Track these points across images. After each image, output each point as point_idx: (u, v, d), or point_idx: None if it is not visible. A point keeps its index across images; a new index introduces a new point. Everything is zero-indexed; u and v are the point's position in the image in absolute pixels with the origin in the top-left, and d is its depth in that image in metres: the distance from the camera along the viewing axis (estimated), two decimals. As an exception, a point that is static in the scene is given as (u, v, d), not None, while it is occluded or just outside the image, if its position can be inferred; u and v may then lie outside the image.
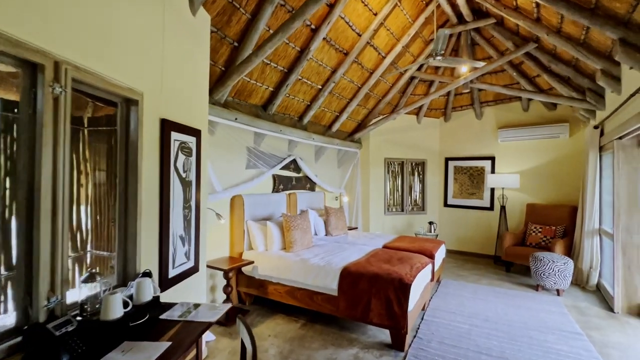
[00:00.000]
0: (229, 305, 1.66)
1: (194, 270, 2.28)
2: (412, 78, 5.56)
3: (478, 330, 2.89)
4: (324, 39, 3.63)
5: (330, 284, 2.84)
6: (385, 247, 3.95)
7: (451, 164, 6.22)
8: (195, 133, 2.24)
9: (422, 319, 3.13)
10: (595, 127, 3.95)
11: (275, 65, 3.49)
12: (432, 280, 3.43)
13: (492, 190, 5.72)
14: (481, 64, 3.45)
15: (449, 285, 4.15)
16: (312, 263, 3.06)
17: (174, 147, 2.01)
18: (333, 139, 5.14)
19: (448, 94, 5.89)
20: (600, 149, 3.97)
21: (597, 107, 3.90)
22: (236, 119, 3.20)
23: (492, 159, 5.74)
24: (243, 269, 3.42)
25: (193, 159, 2.22)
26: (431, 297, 3.68)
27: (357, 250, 3.58)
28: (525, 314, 3.24)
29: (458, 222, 6.10)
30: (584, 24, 2.71)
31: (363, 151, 6.05)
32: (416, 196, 6.42)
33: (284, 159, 4.36)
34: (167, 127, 1.93)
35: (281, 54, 3.43)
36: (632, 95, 2.69)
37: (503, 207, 5.36)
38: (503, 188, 5.37)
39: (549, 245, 4.57)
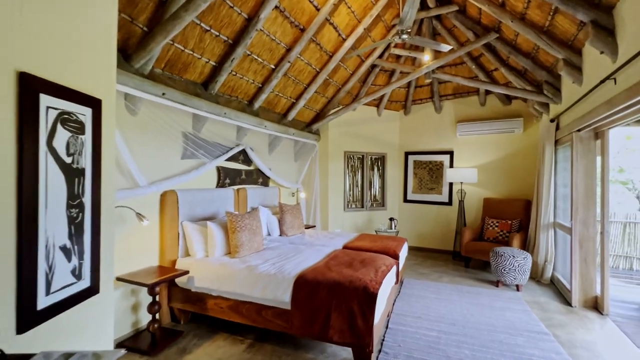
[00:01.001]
0: (121, 352, 1.10)
1: (90, 292, 1.65)
2: (373, 66, 5.26)
3: (447, 337, 2.62)
4: (276, 7, 3.11)
5: (282, 296, 2.36)
6: (346, 247, 3.56)
7: (411, 158, 6.07)
8: (91, 103, 1.60)
9: (387, 327, 2.80)
10: (552, 121, 3.96)
11: (217, 34, 2.90)
12: (396, 282, 3.12)
13: (451, 185, 5.66)
14: (447, 47, 3.20)
15: (412, 285, 3.90)
16: (261, 271, 2.55)
17: (46, 117, 1.37)
18: (289, 128, 4.64)
19: (408, 85, 5.70)
20: (556, 142, 3.98)
21: (554, 100, 3.90)
22: (164, 94, 2.56)
23: (451, 153, 5.68)
24: (177, 280, 2.80)
25: (86, 138, 1.59)
26: (395, 300, 3.38)
27: (314, 252, 3.14)
28: (491, 315, 3.07)
29: (417, 218, 5.98)
30: (555, 4, 2.55)
31: (322, 143, 5.63)
32: (376, 192, 6.18)
33: (231, 148, 3.77)
34: (30, 84, 1.29)
35: (224, 19, 2.85)
36: (596, 86, 2.58)
37: (461, 202, 5.30)
38: (461, 182, 5.31)
39: (507, 239, 4.57)
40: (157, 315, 2.53)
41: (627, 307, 3.34)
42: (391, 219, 5.50)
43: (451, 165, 5.65)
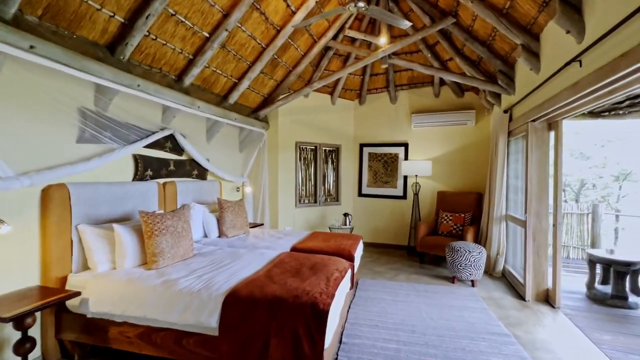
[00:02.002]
0: None
1: None
2: (326, 49, 4.83)
3: (407, 349, 2.30)
4: (206, -45, 2.50)
5: (207, 320, 1.82)
6: (295, 249, 3.10)
7: (366, 150, 5.80)
8: None
9: (341, 342, 2.40)
10: (505, 112, 3.89)
11: (123, -22, 2.21)
12: (351, 287, 2.74)
13: (406, 178, 5.50)
14: (407, 23, 2.86)
15: (367, 287, 3.59)
16: (182, 287, 1.97)
17: None
18: (230, 112, 4.02)
19: (363, 73, 5.38)
20: (508, 134, 3.93)
21: (508, 90, 3.82)
22: (32, 47, 1.82)
23: (406, 145, 5.51)
24: (69, 303, 2.10)
25: None
26: (350, 306, 3.02)
27: (256, 257, 2.63)
28: (450, 316, 2.84)
29: (372, 213, 5.75)
30: (521, -22, 2.32)
31: (271, 132, 5.08)
32: (330, 186, 5.81)
33: (154, 132, 3.07)
34: None
35: (132, -41, 2.17)
36: (559, 69, 2.43)
37: (416, 196, 5.16)
38: (416, 176, 5.16)
39: (460, 233, 4.49)
40: (29, 357, 1.83)
41: (571, 297, 3.36)
42: (346, 215, 5.17)
43: (406, 158, 5.49)
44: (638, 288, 3.20)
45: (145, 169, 3.02)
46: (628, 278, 3.17)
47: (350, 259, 2.86)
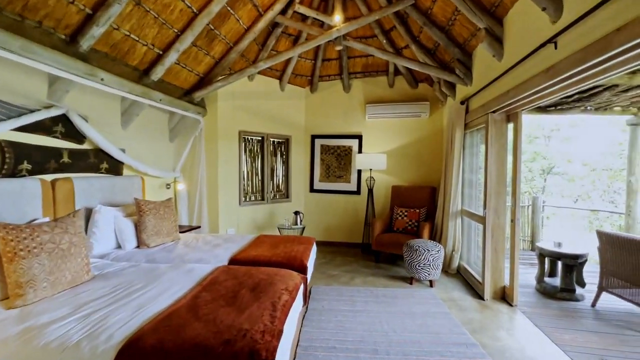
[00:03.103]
0: None
1: None
2: (274, 26, 4.24)
3: (372, 378, 1.92)
4: None
5: (89, 389, 1.21)
6: (234, 260, 2.53)
7: (318, 142, 5.36)
8: None
9: (292, 376, 1.94)
10: (462, 103, 3.73)
11: None
12: (305, 304, 2.29)
13: (360, 172, 5.20)
14: (368, -8, 2.45)
15: (322, 295, 3.17)
16: (49, 339, 1.30)
17: None
18: (153, 92, 3.25)
19: (315, 57, 4.91)
20: (464, 127, 3.80)
21: (465, 80, 3.67)
22: None
23: (360, 137, 5.20)
24: None
25: None
26: (302, 323, 2.56)
27: (181, 277, 2.02)
28: (413, 326, 2.56)
29: (325, 210, 5.36)
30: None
31: (209, 120, 4.36)
32: (280, 181, 5.28)
33: (32, 111, 2.23)
34: None
35: None
36: (531, 52, 2.22)
37: (370, 191, 4.89)
38: (370, 169, 4.88)
39: (416, 229, 4.31)
40: None
41: (523, 291, 3.33)
42: (296, 213, 4.69)
43: (360, 151, 5.18)
44: (583, 280, 3.28)
45: (17, 160, 2.17)
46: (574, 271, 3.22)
47: (303, 269, 2.39)
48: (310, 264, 2.73)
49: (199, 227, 4.10)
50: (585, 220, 8.41)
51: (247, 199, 4.80)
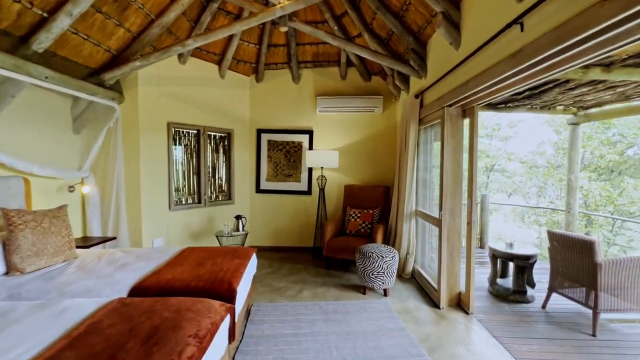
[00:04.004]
0: None
1: None
2: (209, 0, 3.62)
3: None
4: None
5: None
6: (138, 289, 1.93)
7: (265, 137, 4.84)
8: None
9: None
10: (417, 97, 3.49)
11: None
12: (231, 340, 1.79)
13: (310, 170, 4.80)
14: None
15: (263, 317, 2.70)
16: None
17: None
18: (35, 66, 2.48)
19: (260, 42, 4.37)
20: (419, 122, 3.57)
21: (419, 72, 3.42)
22: None
23: (311, 132, 4.78)
24: None
25: None
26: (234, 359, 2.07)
27: (38, 328, 1.40)
28: (367, 350, 2.20)
29: (273, 212, 4.87)
30: None
31: (128, 108, 3.60)
32: (222, 181, 4.67)
33: None
34: None
35: None
36: (495, 35, 1.96)
37: (322, 191, 4.50)
38: (322, 168, 4.50)
39: (369, 232, 4.02)
40: None
41: (476, 294, 3.19)
42: (238, 217, 4.12)
43: (311, 147, 4.77)
44: (533, 280, 3.22)
45: None
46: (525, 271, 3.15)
47: (230, 296, 1.89)
48: (244, 286, 2.23)
49: (114, 238, 3.36)
50: (523, 215, 8.99)
51: (180, 202, 4.12)
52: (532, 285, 3.21)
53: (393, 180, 4.41)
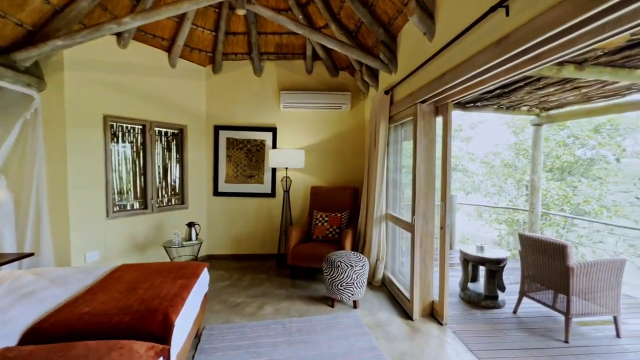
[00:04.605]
0: None
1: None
2: (152, -27, 3.12)
3: None
4: None
5: None
6: (35, 331, 1.46)
7: (223, 134, 4.40)
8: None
9: None
10: (387, 93, 3.28)
11: None
12: (166, 390, 1.40)
13: (274, 171, 4.43)
14: None
15: (216, 343, 2.31)
16: None
17: None
18: None
19: (216, 28, 3.93)
20: (389, 120, 3.36)
21: (389, 67, 3.21)
22: None
23: (274, 130, 4.42)
24: None
25: None
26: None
27: None
28: (335, 379, 1.92)
29: (233, 217, 4.44)
30: None
31: (51, 96, 3.00)
32: (175, 183, 4.15)
33: None
34: None
35: None
36: (469, 27, 1.76)
37: (287, 193, 4.17)
38: (287, 168, 4.16)
39: (338, 237, 3.76)
40: None
41: (449, 300, 3.06)
42: (190, 225, 3.64)
43: (274, 146, 4.41)
44: (503, 284, 3.15)
45: None
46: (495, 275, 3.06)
47: (166, 332, 1.50)
48: (189, 313, 1.84)
49: (32, 254, 2.77)
50: (482, 213, 9.29)
51: (123, 208, 3.57)
52: (503, 289, 3.13)
53: (362, 181, 4.19)
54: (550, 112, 3.95)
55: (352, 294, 2.85)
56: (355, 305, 2.93)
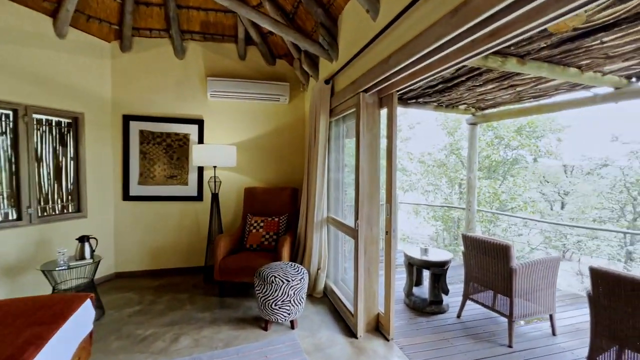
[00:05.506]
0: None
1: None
2: None
3: None
4: None
5: None
6: None
7: (135, 126, 3.63)
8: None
9: None
10: (327, 82, 2.93)
11: None
12: None
13: (201, 170, 3.82)
14: None
15: (101, 402, 1.70)
16: None
17: None
18: None
19: (122, -7, 3.19)
20: (330, 113, 3.03)
21: (330, 53, 2.88)
22: None
23: (200, 122, 3.80)
24: None
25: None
26: None
27: None
28: None
29: (150, 225, 3.71)
30: None
31: None
32: (69, 184, 3.28)
33: None
34: None
35: None
36: (406, 8, 1.48)
37: (215, 196, 3.59)
38: (215, 167, 3.59)
39: (275, 245, 3.32)
40: None
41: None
42: (83, 239, 2.82)
43: (201, 141, 3.79)
44: (447, 287, 3.03)
45: None
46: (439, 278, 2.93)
47: None
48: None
49: None
50: (419, 211, 9.67)
51: (-20, 221, 2.64)
52: (446, 292, 3.01)
53: (302, 181, 3.81)
54: (485, 111, 4.03)
55: (289, 314, 2.44)
56: (292, 325, 2.53)
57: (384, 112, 2.40)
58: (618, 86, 2.55)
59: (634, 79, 2.53)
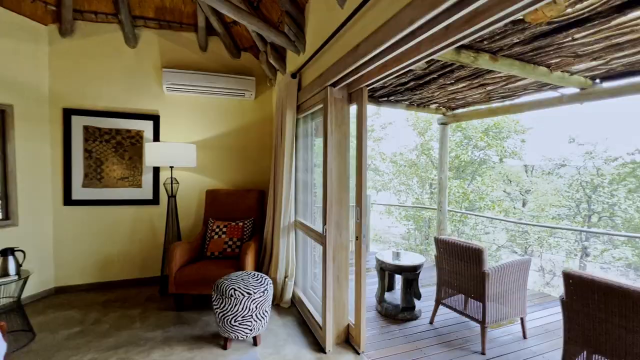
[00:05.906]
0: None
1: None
2: None
3: None
4: None
5: None
6: None
7: (78, 121, 3.22)
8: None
9: None
10: (294, 76, 2.73)
11: None
12: None
13: (157, 171, 3.47)
14: None
15: None
16: None
17: None
18: None
19: (59, -31, 2.79)
20: (297, 109, 2.82)
21: (297, 45, 2.67)
22: None
23: (156, 118, 3.45)
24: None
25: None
26: None
27: None
28: None
29: (97, 232, 3.31)
30: None
31: None
32: (-3, 187, 2.82)
33: None
34: None
35: None
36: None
37: (173, 199, 3.26)
38: (172, 167, 3.26)
39: (239, 252, 3.06)
40: None
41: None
42: (7, 252, 2.39)
43: (157, 138, 3.44)
44: (419, 291, 2.93)
45: None
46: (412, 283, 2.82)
47: None
48: None
49: None
50: (392, 211, 9.73)
51: None
52: (419, 297, 2.91)
53: (269, 183, 3.58)
54: (455, 111, 4.01)
55: (251, 329, 2.21)
56: (255, 341, 2.30)
57: (353, 108, 2.24)
58: (583, 87, 2.57)
59: (597, 80, 2.56)
